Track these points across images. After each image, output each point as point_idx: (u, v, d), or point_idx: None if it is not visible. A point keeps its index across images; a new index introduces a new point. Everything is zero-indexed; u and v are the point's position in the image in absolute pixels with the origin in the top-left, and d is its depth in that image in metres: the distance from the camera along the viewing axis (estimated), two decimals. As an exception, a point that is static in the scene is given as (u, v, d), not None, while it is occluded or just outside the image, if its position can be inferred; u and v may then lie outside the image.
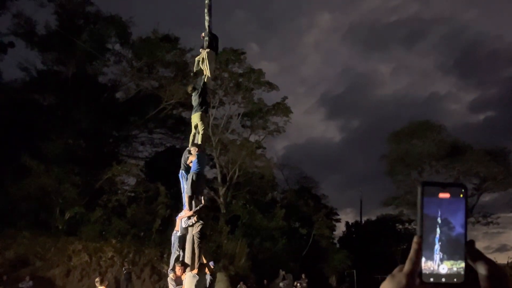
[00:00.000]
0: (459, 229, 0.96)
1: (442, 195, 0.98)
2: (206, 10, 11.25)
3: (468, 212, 1.02)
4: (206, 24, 11.11)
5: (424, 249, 0.97)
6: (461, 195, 0.98)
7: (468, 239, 0.98)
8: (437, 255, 0.96)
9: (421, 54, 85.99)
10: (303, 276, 24.42)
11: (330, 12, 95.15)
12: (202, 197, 10.02)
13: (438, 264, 0.94)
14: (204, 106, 10.60)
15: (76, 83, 26.29)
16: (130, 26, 28.31)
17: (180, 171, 10.12)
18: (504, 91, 62.36)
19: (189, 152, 10.18)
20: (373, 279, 32.14)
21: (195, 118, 10.51)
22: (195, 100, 10.59)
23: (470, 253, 0.96)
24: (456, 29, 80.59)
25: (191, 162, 9.94)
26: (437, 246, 0.96)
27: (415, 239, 0.97)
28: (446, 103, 74.55)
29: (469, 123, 61.72)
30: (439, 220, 0.96)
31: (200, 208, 9.59)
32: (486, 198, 36.64)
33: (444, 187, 0.99)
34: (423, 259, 0.96)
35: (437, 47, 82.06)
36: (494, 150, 33.73)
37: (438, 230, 0.96)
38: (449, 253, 0.95)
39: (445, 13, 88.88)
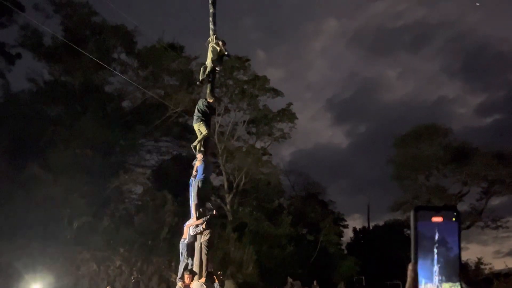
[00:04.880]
0: (456, 251, 0.96)
1: (435, 219, 0.99)
2: (210, 19, 11.33)
3: (461, 235, 1.03)
4: (211, 33, 11.18)
5: (422, 270, 0.97)
6: (454, 219, 0.98)
7: (462, 258, 1.00)
8: (436, 277, 0.96)
9: (427, 58, 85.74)
10: (314, 283, 24.32)
11: (336, 18, 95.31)
12: (211, 206, 10.04)
13: (437, 286, 0.95)
14: (206, 115, 10.64)
15: (83, 93, 26.50)
16: (136, 36, 28.58)
17: (191, 178, 10.15)
18: (511, 93, 61.96)
19: (196, 158, 10.25)
20: (382, 285, 31.90)
21: (196, 126, 10.58)
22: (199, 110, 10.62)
23: (464, 278, 0.98)
24: (462, 32, 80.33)
25: (197, 168, 9.98)
26: (435, 268, 0.97)
27: (410, 266, 0.96)
28: (453, 107, 74.14)
29: (477, 126, 61.29)
30: (436, 240, 0.96)
31: (209, 216, 9.60)
32: (495, 201, 36.33)
33: (437, 211, 1.00)
34: (423, 281, 0.96)
35: (443, 51, 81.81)
36: (502, 153, 33.44)
37: (435, 251, 0.97)
38: (447, 275, 0.96)
39: (451, 17, 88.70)
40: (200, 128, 10.48)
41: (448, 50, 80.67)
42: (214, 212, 9.92)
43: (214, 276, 9.63)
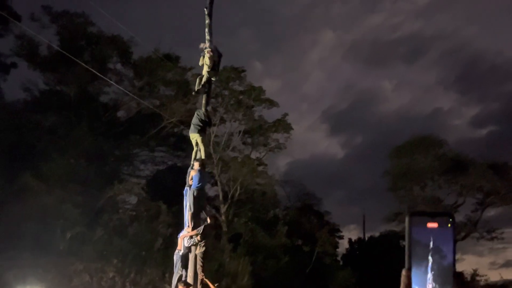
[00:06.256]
0: (450, 258, 0.93)
1: (430, 224, 0.96)
2: (206, 30, 11.40)
3: (456, 242, 1.00)
4: (207, 43, 11.25)
5: (416, 277, 0.94)
6: (449, 225, 0.96)
7: (457, 267, 0.96)
8: (430, 285, 0.93)
9: (422, 70, 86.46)
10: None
11: (333, 30, 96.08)
12: (208, 217, 9.97)
13: None
14: (204, 126, 10.65)
15: (77, 102, 26.43)
16: (131, 46, 28.61)
17: (185, 187, 10.12)
18: (506, 105, 62.59)
19: (192, 167, 10.21)
20: (378, 297, 31.70)
21: (194, 136, 10.57)
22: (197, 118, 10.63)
23: (458, 286, 0.94)
24: (457, 45, 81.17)
25: (192, 177, 9.94)
26: (429, 276, 0.94)
27: (404, 272, 0.94)
28: (449, 118, 74.49)
29: (472, 138, 61.57)
30: (431, 248, 0.93)
31: (204, 227, 9.54)
32: (490, 213, 36.38)
33: (432, 216, 0.97)
34: None
35: (438, 63, 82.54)
36: (496, 164, 33.63)
37: (430, 258, 0.94)
38: (441, 283, 0.93)
39: (446, 30, 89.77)
40: (196, 138, 10.49)
41: (443, 63, 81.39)
42: (209, 221, 9.85)
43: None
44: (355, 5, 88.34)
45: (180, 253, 9.68)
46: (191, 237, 9.46)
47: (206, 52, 11.03)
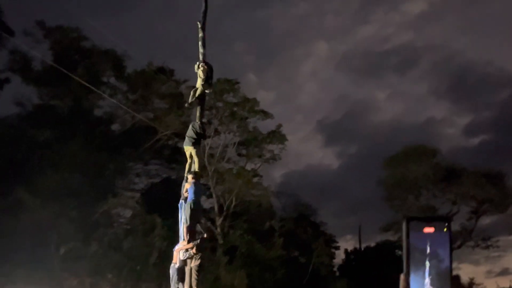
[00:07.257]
0: (447, 263, 0.97)
1: (427, 229, 1.01)
2: (200, 43, 11.48)
3: (452, 246, 1.04)
4: (201, 57, 11.31)
5: (414, 281, 0.98)
6: (445, 229, 1.00)
7: (453, 272, 1.00)
8: None
9: (414, 80, 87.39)
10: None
11: (326, 41, 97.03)
12: (201, 228, 9.95)
13: None
14: (198, 138, 10.67)
15: (72, 116, 26.38)
16: (125, 60, 28.71)
17: (180, 200, 10.09)
18: (498, 114, 63.28)
19: (186, 180, 10.20)
20: (375, 308, 31.57)
21: (188, 148, 10.59)
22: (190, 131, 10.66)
23: None
24: (448, 55, 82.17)
25: (187, 190, 9.93)
26: (427, 280, 0.98)
27: (402, 276, 0.98)
28: (442, 128, 75.09)
29: (465, 147, 62.03)
30: (428, 252, 0.98)
31: (200, 240, 9.51)
32: (485, 221, 36.53)
33: (428, 221, 1.02)
34: None
35: (430, 73, 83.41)
36: (489, 173, 33.87)
37: (427, 263, 0.98)
38: (438, 287, 0.97)
39: (437, 41, 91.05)
40: (191, 150, 10.50)
41: (435, 73, 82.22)
42: (205, 235, 9.83)
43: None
44: (348, 17, 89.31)
45: (176, 267, 9.63)
46: (186, 250, 9.42)
47: (200, 65, 11.10)
